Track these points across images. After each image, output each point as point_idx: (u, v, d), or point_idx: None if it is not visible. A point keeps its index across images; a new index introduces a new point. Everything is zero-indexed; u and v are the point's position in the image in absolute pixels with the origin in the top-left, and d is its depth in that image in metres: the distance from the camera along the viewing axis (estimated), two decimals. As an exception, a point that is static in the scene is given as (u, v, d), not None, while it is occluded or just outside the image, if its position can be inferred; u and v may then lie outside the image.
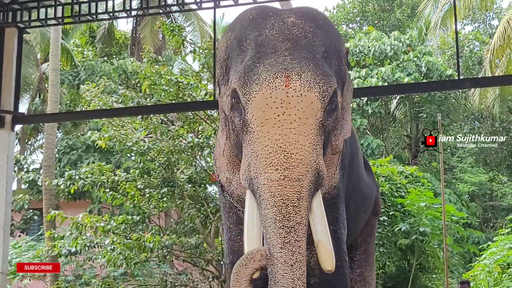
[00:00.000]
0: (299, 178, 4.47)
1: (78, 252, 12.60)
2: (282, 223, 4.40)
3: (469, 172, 28.78)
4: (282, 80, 4.58)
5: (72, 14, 12.17)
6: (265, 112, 4.58)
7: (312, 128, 4.62)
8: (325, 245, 4.64)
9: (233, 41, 5.09)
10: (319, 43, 4.91)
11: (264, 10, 5.23)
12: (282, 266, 4.38)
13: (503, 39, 20.41)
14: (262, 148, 4.54)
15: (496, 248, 14.45)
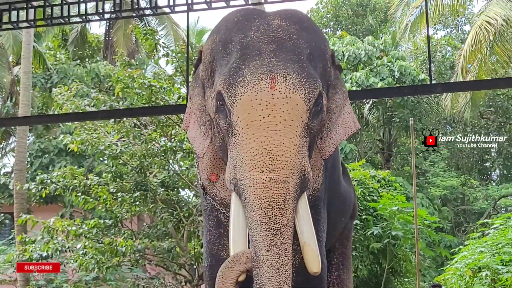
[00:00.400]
0: (284, 180, 4.46)
1: (49, 257, 12.53)
2: (268, 226, 4.40)
3: (441, 176, 28.98)
4: (267, 82, 4.59)
5: (44, 17, 12.08)
6: (250, 114, 4.58)
7: (298, 130, 4.61)
8: (311, 247, 4.65)
9: (218, 44, 5.07)
10: (304, 45, 4.91)
11: (249, 12, 5.24)
12: (268, 269, 4.37)
13: (475, 44, 20.57)
14: (248, 150, 4.54)
15: (468, 252, 14.53)
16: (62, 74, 23.92)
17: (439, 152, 30.74)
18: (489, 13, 20.56)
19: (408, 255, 13.95)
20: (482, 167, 34.55)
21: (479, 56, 20.85)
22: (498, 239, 14.43)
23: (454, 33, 32.58)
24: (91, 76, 23.60)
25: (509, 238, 14.27)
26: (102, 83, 23.02)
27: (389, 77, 22.12)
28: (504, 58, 22.53)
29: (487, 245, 14.32)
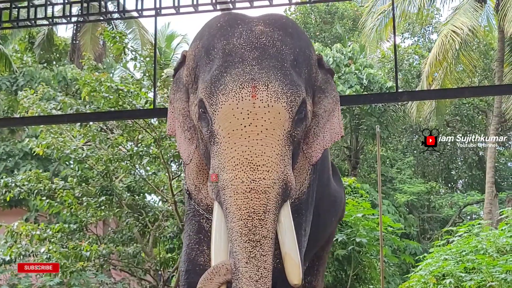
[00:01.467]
0: (265, 191, 4.43)
1: (12, 261, 12.42)
2: (247, 237, 4.36)
3: (408, 183, 29.19)
4: (248, 91, 4.54)
5: (10, 19, 12.01)
6: (231, 123, 4.54)
7: (280, 139, 4.58)
8: (292, 257, 4.62)
9: (201, 50, 5.03)
10: (288, 51, 4.87)
11: (232, 18, 5.18)
12: (246, 281, 4.34)
13: (441, 53, 20.76)
14: (229, 160, 4.50)
15: (432, 260, 14.63)
16: (28, 77, 23.71)
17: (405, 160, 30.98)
18: (455, 23, 20.79)
19: (373, 262, 14.03)
20: (448, 175, 34.85)
21: (444, 64, 21.06)
22: (462, 247, 14.56)
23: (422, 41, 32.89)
24: (58, 80, 23.42)
25: (472, 246, 14.41)
26: (69, 86, 22.86)
27: (357, 85, 22.26)
28: (470, 67, 22.83)
29: (451, 253, 14.44)
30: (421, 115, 23.64)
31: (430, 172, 32.91)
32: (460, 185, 35.66)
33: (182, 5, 11.02)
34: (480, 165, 32.48)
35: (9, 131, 23.62)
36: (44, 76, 23.57)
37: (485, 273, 12.78)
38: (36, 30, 25.58)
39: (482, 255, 13.63)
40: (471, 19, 20.93)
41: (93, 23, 22.37)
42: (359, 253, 13.69)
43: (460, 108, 29.91)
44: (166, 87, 13.30)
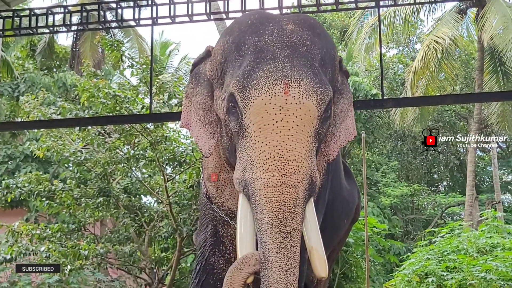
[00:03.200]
0: (295, 185, 4.38)
1: (13, 259, 12.37)
2: (278, 228, 4.31)
3: (392, 187, 29.22)
4: (281, 87, 4.48)
5: (13, 27, 12.00)
6: (263, 117, 4.49)
7: (309, 136, 4.53)
8: (319, 252, 4.60)
9: (231, 45, 4.96)
10: (316, 51, 4.83)
11: (263, 16, 5.13)
12: (276, 271, 4.27)
13: (424, 62, 20.84)
14: (260, 154, 4.45)
15: (415, 259, 14.66)
16: (29, 83, 23.69)
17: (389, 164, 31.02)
18: (437, 33, 20.86)
19: (359, 261, 14.05)
20: (431, 178, 34.93)
21: (427, 73, 21.13)
22: (444, 247, 14.59)
23: (406, 51, 32.97)
24: (58, 86, 23.42)
25: (454, 246, 14.44)
26: (69, 92, 22.84)
27: (344, 92, 22.29)
28: (451, 76, 22.91)
29: (433, 253, 14.46)
30: (405, 121, 23.69)
31: (414, 176, 32.98)
32: (442, 188, 35.73)
33: (178, 15, 11.05)
34: (461, 169, 32.59)
35: (11, 135, 23.58)
36: (45, 82, 23.56)
37: (465, 272, 12.80)
38: (38, 38, 25.53)
39: (463, 255, 13.66)
40: (452, 30, 21.01)
41: (92, 31, 22.33)
42: (346, 252, 13.72)
43: (442, 114, 29.98)
44: (162, 93, 13.29)
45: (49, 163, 19.75)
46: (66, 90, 23.16)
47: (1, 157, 21.53)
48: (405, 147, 32.95)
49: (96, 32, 22.16)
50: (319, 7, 11.69)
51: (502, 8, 19.79)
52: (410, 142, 32.27)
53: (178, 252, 12.17)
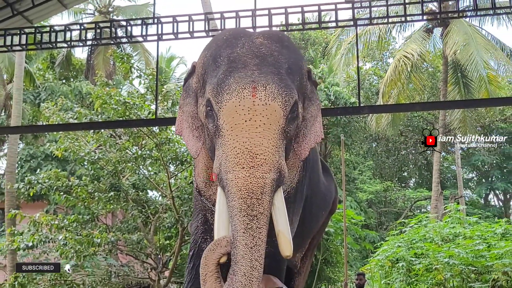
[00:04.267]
0: (263, 176, 4.44)
1: (34, 246, 12.31)
2: (246, 212, 4.37)
3: (367, 183, 29.25)
4: (249, 91, 4.57)
5: (35, 42, 11.97)
6: (234, 118, 4.56)
7: (275, 133, 4.59)
8: (285, 234, 4.63)
9: (209, 58, 5.04)
10: (283, 60, 4.89)
11: (236, 32, 5.24)
12: (243, 248, 4.34)
13: (395, 74, 20.87)
14: (232, 149, 4.51)
15: (388, 247, 14.71)
16: (49, 91, 23.63)
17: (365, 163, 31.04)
18: (407, 49, 20.90)
19: (338, 248, 14.04)
20: (401, 176, 34.98)
21: (398, 84, 21.15)
22: (413, 236, 14.63)
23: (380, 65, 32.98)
24: (75, 94, 23.36)
25: (421, 235, 14.48)
26: (84, 99, 22.78)
27: (326, 100, 22.28)
28: (419, 86, 22.96)
29: (403, 241, 14.51)
30: (379, 126, 23.69)
31: (386, 173, 33.00)
32: (411, 184, 35.77)
33: (180, 32, 11.05)
34: (428, 167, 32.63)
35: (33, 137, 23.52)
36: (63, 91, 23.49)
37: (431, 257, 12.84)
38: (57, 52, 25.47)
39: (429, 243, 13.70)
40: (420, 46, 21.05)
41: (104, 46, 22.33)
42: (327, 240, 13.70)
43: (411, 120, 30.02)
44: (166, 100, 13.27)
45: (67, 161, 19.69)
46: (81, 98, 23.11)
47: (24, 156, 21.45)
48: (379, 148, 32.98)
49: (108, 47, 22.17)
50: (304, 25, 11.70)
51: (463, 27, 19.88)
52: (384, 144, 32.29)
53: (180, 240, 12.17)
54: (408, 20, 12.46)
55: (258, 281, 4.38)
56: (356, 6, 11.35)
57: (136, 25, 12.11)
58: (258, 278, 4.38)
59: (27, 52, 18.72)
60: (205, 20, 11.25)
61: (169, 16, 11.31)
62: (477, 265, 12.52)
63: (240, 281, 4.33)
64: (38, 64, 26.49)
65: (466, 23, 20.04)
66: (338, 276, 14.49)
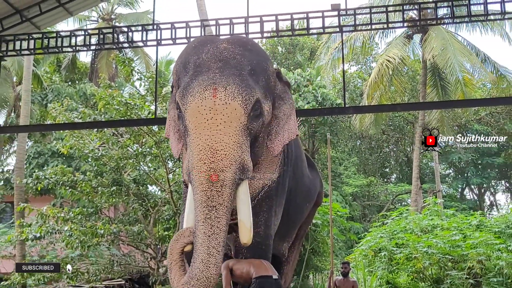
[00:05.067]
0: (223, 169, 4.53)
1: (42, 237, 12.28)
2: (206, 203, 4.46)
3: (352, 178, 29.26)
4: (210, 92, 4.66)
5: (42, 46, 11.93)
6: (197, 118, 4.66)
7: (236, 130, 4.67)
8: (244, 223, 4.72)
9: (180, 65, 5.17)
10: (246, 62, 4.97)
11: (204, 40, 5.33)
12: (202, 236, 4.41)
13: (378, 77, 20.88)
14: (195, 146, 4.60)
15: (371, 237, 14.70)
16: (56, 93, 23.56)
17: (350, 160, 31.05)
18: (389, 54, 20.91)
19: (325, 239, 14.03)
20: (383, 171, 35.02)
21: (381, 86, 21.17)
22: (394, 227, 14.64)
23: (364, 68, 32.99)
24: (79, 95, 23.30)
25: (402, 226, 14.49)
26: (88, 100, 22.71)
27: (313, 101, 22.25)
28: (400, 88, 22.98)
29: (385, 232, 14.51)
30: (363, 125, 23.70)
31: (370, 169, 33.04)
32: (393, 179, 35.82)
33: (178, 37, 11.04)
34: (408, 163, 32.68)
35: (41, 135, 23.45)
36: (69, 92, 23.43)
37: (411, 247, 12.86)
38: (63, 56, 25.39)
39: (409, 234, 13.73)
40: (401, 51, 21.07)
41: (107, 50, 22.24)
42: (314, 232, 13.69)
43: (393, 120, 30.06)
44: (165, 101, 13.25)
45: (72, 158, 19.61)
46: (86, 99, 23.04)
47: (32, 153, 21.36)
48: (363, 146, 33.01)
49: (111, 51, 22.08)
50: (293, 31, 11.70)
51: (441, 33, 19.92)
52: (367, 142, 32.32)
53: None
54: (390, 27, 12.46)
55: (215, 268, 4.42)
56: (341, 13, 11.36)
57: (137, 31, 12.09)
58: (215, 264, 4.42)
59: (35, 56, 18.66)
60: (201, 26, 11.23)
61: (167, 22, 11.30)
62: (453, 254, 12.55)
63: (198, 268, 4.38)
64: (46, 67, 26.39)
65: (443, 29, 20.09)
66: (324, 265, 14.47)
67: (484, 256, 12.30)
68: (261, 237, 5.58)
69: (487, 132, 31.53)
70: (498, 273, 12.31)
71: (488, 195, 37.95)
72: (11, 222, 19.85)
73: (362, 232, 20.51)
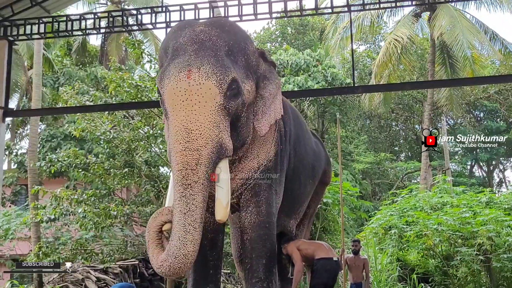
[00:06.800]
0: (198, 149, 4.57)
1: (56, 219, 12.34)
2: (181, 182, 4.50)
3: (362, 156, 29.26)
4: (184, 73, 4.70)
5: (52, 30, 11.91)
6: (173, 100, 4.71)
7: (212, 109, 4.71)
8: (221, 201, 4.80)
9: (162, 51, 5.27)
10: (222, 43, 4.99)
11: (183, 24, 5.40)
12: (178, 214, 4.45)
13: (387, 56, 20.75)
14: (173, 128, 4.66)
15: (381, 215, 14.71)
16: (67, 76, 23.57)
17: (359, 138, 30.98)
18: (397, 33, 20.76)
19: (336, 217, 14.04)
20: (393, 150, 34.95)
21: (390, 65, 21.04)
22: (404, 205, 14.64)
23: (372, 47, 32.81)
24: (90, 78, 23.29)
25: (412, 204, 14.49)
26: (99, 83, 22.69)
27: (323, 81, 22.16)
28: (409, 67, 22.88)
29: (395, 210, 14.51)
30: (372, 104, 23.63)
31: (379, 148, 32.99)
32: (402, 157, 35.75)
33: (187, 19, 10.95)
34: (417, 142, 32.58)
35: (53, 118, 23.54)
36: (80, 75, 23.44)
37: (421, 225, 12.86)
38: (73, 39, 25.36)
39: (419, 211, 13.72)
40: (409, 30, 20.92)
41: (117, 33, 22.19)
42: (325, 210, 13.71)
43: (402, 98, 29.95)
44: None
45: (84, 141, 19.66)
46: (97, 82, 23.03)
47: (45, 136, 21.44)
48: (372, 125, 32.94)
49: (121, 34, 22.03)
50: (302, 11, 11.60)
51: (449, 11, 19.72)
52: (376, 121, 32.26)
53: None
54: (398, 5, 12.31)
55: (192, 244, 4.43)
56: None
57: (146, 14, 12.03)
58: (192, 241, 4.43)
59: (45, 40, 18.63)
60: (209, 8, 11.15)
61: (176, 4, 11.27)
62: (463, 231, 12.53)
63: (175, 245, 4.40)
64: (56, 51, 26.38)
65: (451, 7, 19.88)
66: (335, 243, 14.50)
67: (494, 232, 12.28)
68: (264, 216, 5.62)
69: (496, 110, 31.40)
70: (508, 249, 12.31)
71: (497, 172, 37.82)
72: (25, 204, 20.00)
73: (372, 210, 20.53)
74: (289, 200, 6.46)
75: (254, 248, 5.49)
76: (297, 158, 6.48)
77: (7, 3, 12.09)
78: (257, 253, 5.48)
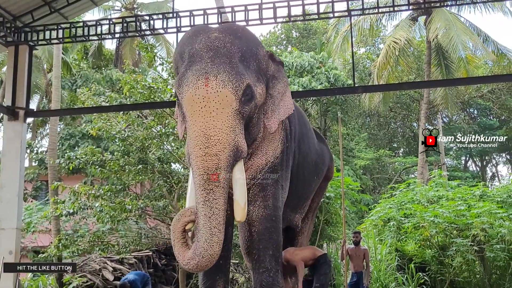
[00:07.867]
0: (217, 154, 4.58)
1: (75, 213, 12.39)
2: (204, 187, 4.53)
3: (363, 152, 29.21)
4: (202, 82, 4.69)
5: (70, 35, 11.94)
6: (192, 106, 4.71)
7: (229, 115, 4.71)
8: (238, 202, 4.80)
9: (177, 56, 5.22)
10: (236, 50, 4.97)
11: (197, 29, 5.33)
12: (203, 218, 4.48)
13: (385, 58, 20.72)
14: (192, 133, 4.67)
15: (380, 208, 14.69)
16: (84, 79, 23.64)
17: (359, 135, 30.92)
18: (395, 36, 20.75)
19: (338, 210, 14.02)
20: (391, 146, 34.88)
21: (388, 66, 21.01)
22: (402, 198, 14.60)
23: (372, 50, 32.72)
24: (106, 80, 23.34)
25: (409, 198, 14.46)
26: (114, 85, 22.74)
27: (326, 82, 22.12)
28: (407, 68, 22.83)
29: (394, 203, 14.48)
30: (371, 103, 23.60)
31: (379, 144, 32.92)
32: (400, 153, 35.66)
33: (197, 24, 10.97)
34: (414, 138, 32.49)
35: (71, 118, 23.62)
36: (96, 78, 23.50)
37: (418, 217, 12.84)
38: (89, 44, 25.44)
39: (417, 204, 13.70)
40: (407, 33, 20.91)
41: (131, 38, 22.23)
42: (328, 204, 13.69)
43: (400, 98, 29.85)
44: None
45: (101, 139, 19.71)
46: (112, 84, 23.08)
47: (64, 135, 21.51)
48: (372, 122, 32.85)
49: (134, 39, 22.08)
50: (304, 16, 11.58)
51: (444, 15, 19.70)
52: (376, 119, 32.16)
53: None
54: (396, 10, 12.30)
55: (218, 245, 4.51)
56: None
57: (158, 19, 12.05)
58: (218, 243, 4.50)
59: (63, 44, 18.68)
60: (218, 13, 11.18)
61: (186, 10, 11.27)
62: (458, 223, 12.52)
63: (202, 247, 4.45)
64: (74, 55, 26.47)
65: (446, 11, 19.84)
66: (337, 235, 14.48)
67: (487, 224, 12.26)
68: (270, 209, 5.63)
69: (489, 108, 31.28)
70: (501, 240, 12.30)
71: (490, 167, 37.69)
72: (46, 199, 20.08)
73: (372, 204, 20.49)
74: (295, 196, 6.46)
75: (261, 240, 5.49)
76: (301, 155, 6.48)
77: (27, 10, 12.15)
78: (264, 245, 5.48)
